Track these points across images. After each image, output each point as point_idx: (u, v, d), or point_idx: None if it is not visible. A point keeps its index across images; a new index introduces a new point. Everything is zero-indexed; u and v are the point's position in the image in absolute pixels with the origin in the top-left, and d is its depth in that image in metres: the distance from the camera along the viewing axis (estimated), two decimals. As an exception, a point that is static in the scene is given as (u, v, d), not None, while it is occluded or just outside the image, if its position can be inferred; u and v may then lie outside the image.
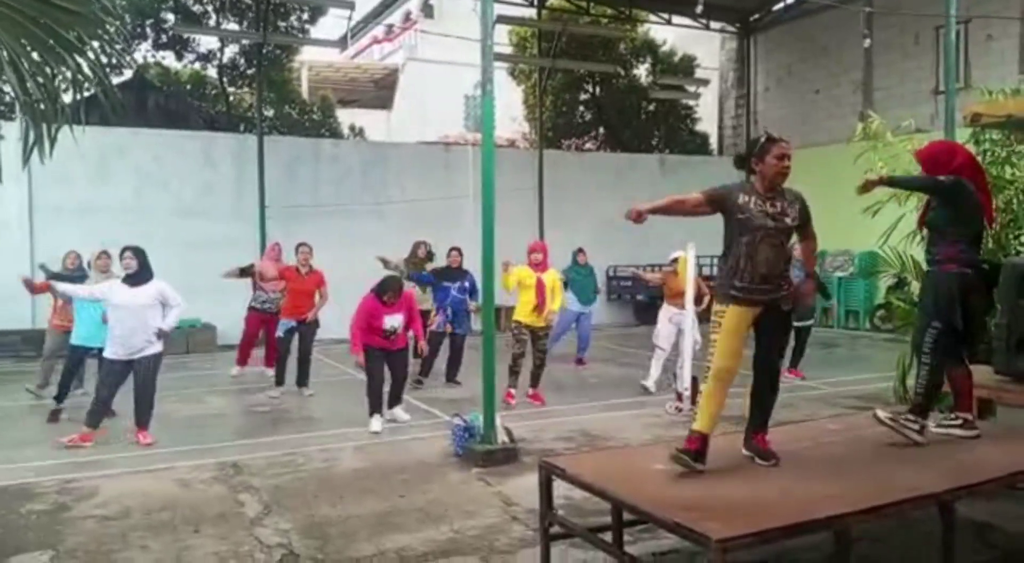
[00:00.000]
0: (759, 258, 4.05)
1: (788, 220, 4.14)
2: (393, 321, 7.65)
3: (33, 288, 8.30)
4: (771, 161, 4.12)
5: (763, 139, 4.21)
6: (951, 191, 4.64)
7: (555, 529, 4.30)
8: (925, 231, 5.06)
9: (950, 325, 4.61)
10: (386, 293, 7.59)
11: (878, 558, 4.33)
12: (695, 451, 3.99)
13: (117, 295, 7.08)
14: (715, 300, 4.20)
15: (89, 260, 9.23)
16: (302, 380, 9.63)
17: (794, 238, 4.33)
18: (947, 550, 3.79)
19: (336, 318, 10.58)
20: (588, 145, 22.62)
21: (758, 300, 4.09)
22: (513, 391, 8.75)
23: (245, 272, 10.24)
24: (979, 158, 7.25)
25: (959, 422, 4.71)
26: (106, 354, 7.18)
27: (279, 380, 9.58)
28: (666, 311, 9.37)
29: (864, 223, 8.14)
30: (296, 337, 9.54)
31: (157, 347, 7.20)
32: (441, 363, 10.11)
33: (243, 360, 10.52)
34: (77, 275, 9.14)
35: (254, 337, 10.41)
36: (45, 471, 6.44)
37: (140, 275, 7.16)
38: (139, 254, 7.19)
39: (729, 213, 4.13)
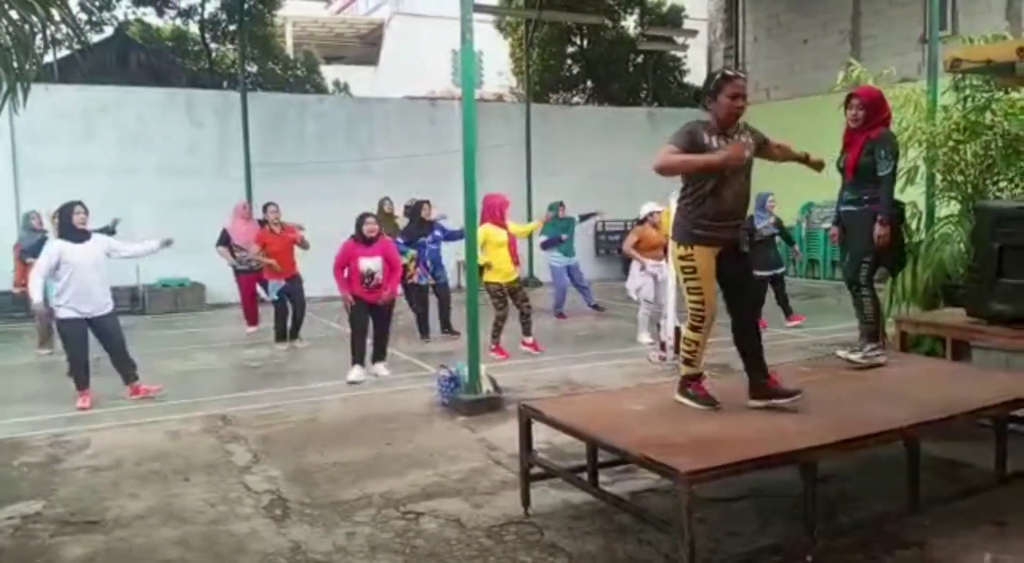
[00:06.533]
0: (725, 197, 4.04)
1: (747, 153, 4.10)
2: (370, 264, 7.76)
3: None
4: (724, 101, 4.02)
5: (718, 76, 4.12)
6: (897, 147, 5.28)
7: (535, 470, 4.42)
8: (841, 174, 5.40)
9: (877, 258, 5.15)
10: (362, 225, 7.79)
11: (849, 495, 4.47)
12: (709, 395, 4.20)
13: (71, 253, 6.84)
14: (677, 244, 4.16)
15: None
16: (294, 333, 9.88)
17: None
18: (912, 484, 3.91)
19: (320, 275, 10.66)
20: (576, 99, 22.46)
21: (721, 238, 4.08)
22: (499, 346, 8.82)
23: (225, 241, 10.53)
24: (959, 105, 7.32)
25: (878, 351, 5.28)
26: (63, 315, 6.96)
27: (280, 336, 9.78)
28: (638, 263, 9.34)
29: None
30: (287, 294, 9.74)
31: (111, 303, 7.17)
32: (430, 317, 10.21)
33: (252, 320, 10.84)
34: (41, 234, 9.30)
35: (252, 296, 10.70)
36: (36, 426, 6.54)
37: (86, 232, 7.03)
38: (87, 211, 7.05)
39: (696, 149, 4.02)
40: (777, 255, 10.29)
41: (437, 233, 9.88)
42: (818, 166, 4.54)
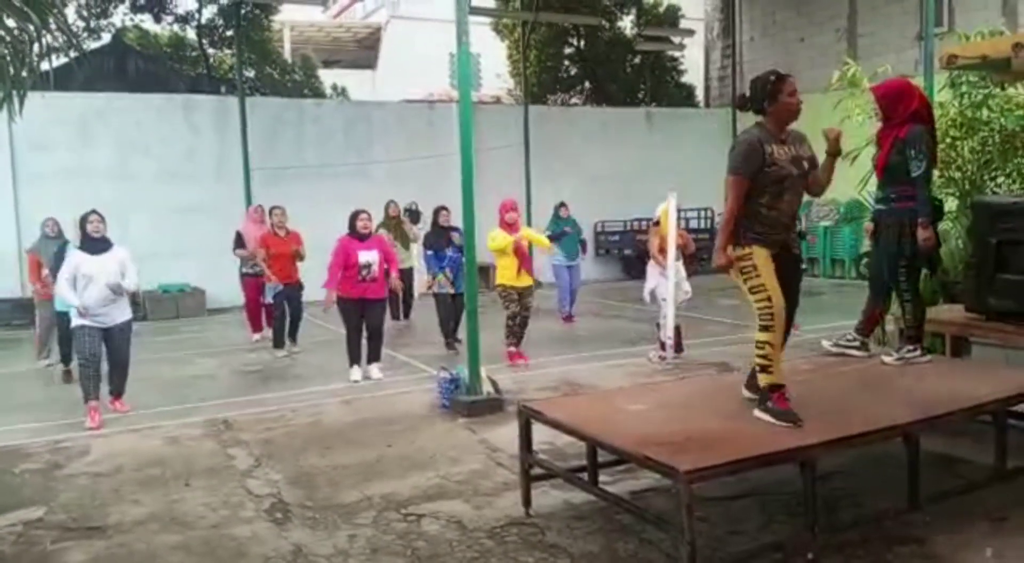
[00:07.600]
0: (783, 206, 4.03)
1: (805, 164, 4.10)
2: (368, 256, 7.86)
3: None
4: (785, 100, 4.00)
5: (773, 78, 4.08)
6: (930, 146, 5.03)
7: (536, 471, 4.42)
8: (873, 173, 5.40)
9: (913, 257, 5.00)
10: (356, 221, 7.98)
11: (849, 492, 4.47)
12: (791, 410, 3.87)
13: (87, 265, 6.73)
14: (733, 247, 4.09)
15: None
16: (292, 336, 9.90)
17: None
18: (912, 480, 3.91)
19: (321, 278, 10.65)
20: (574, 100, 22.48)
21: (777, 240, 4.08)
22: (515, 350, 8.63)
23: (240, 245, 10.49)
24: (956, 101, 7.31)
25: (858, 343, 5.35)
26: (79, 323, 6.75)
27: (279, 342, 9.78)
28: (655, 266, 9.26)
29: (847, 171, 8.16)
30: (285, 299, 9.72)
31: (129, 313, 7.07)
32: (431, 321, 10.11)
33: (257, 326, 10.76)
34: (60, 241, 9.15)
35: (257, 301, 10.62)
36: (37, 433, 6.55)
37: (105, 240, 6.92)
38: (103, 219, 6.98)
39: (759, 168, 3.97)
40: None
41: (455, 244, 9.75)
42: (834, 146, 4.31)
